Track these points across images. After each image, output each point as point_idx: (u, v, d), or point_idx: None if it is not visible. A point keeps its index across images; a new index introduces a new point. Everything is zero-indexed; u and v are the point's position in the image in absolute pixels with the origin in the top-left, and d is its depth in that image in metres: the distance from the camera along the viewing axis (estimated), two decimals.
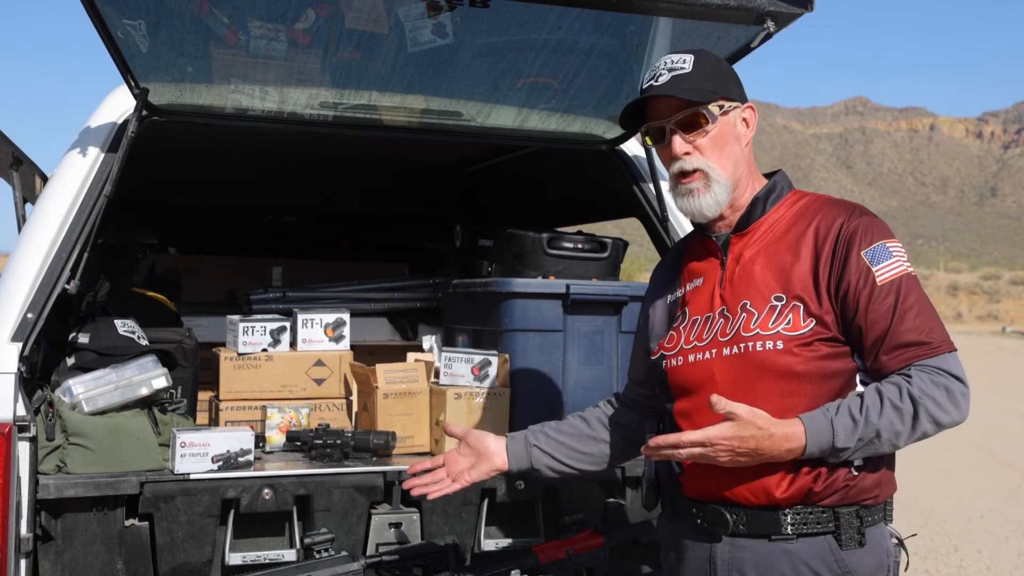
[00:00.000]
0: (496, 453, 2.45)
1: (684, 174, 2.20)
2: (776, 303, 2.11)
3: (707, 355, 2.18)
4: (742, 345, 2.11)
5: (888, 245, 2.10)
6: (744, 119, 2.25)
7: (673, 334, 2.29)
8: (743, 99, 2.26)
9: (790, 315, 2.09)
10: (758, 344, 2.10)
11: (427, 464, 2.49)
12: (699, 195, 2.20)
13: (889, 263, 2.07)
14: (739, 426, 1.99)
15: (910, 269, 2.09)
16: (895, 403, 1.98)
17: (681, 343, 2.25)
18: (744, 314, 2.14)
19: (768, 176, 2.31)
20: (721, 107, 2.20)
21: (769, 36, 2.73)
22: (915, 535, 2.56)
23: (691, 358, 2.21)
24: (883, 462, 2.13)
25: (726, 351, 2.14)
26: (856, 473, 2.08)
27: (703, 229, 2.31)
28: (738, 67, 2.93)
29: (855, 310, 2.06)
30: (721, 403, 1.99)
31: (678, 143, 2.19)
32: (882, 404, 1.99)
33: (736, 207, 2.24)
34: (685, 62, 2.19)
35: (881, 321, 2.05)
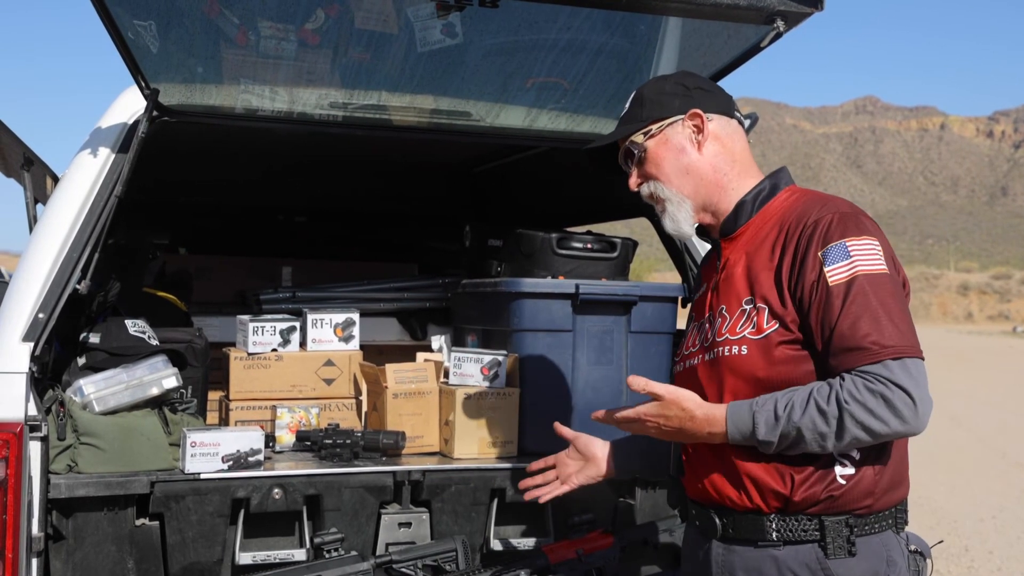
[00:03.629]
0: (602, 459, 2.54)
1: (649, 201, 2.30)
2: (746, 307, 2.11)
3: (695, 361, 2.22)
4: (716, 351, 2.13)
5: (848, 243, 2.01)
6: (695, 126, 2.23)
7: (683, 340, 2.34)
8: (686, 108, 2.24)
9: (755, 318, 2.08)
10: (726, 349, 2.10)
11: (540, 464, 2.61)
12: (664, 216, 2.28)
13: (844, 263, 2.00)
14: (663, 406, 2.09)
15: (870, 269, 2.00)
16: (820, 404, 1.95)
17: (683, 349, 2.30)
18: (719, 319, 2.15)
19: (769, 176, 2.27)
20: (647, 132, 2.24)
21: (779, 35, 2.73)
22: (941, 542, 2.53)
23: (687, 364, 2.26)
24: (878, 470, 2.06)
25: (706, 357, 2.17)
26: (843, 482, 2.03)
27: (705, 235, 2.34)
28: (746, 67, 2.93)
29: (807, 311, 2.03)
30: (638, 383, 2.08)
31: (631, 179, 2.30)
32: (807, 403, 1.96)
33: (719, 212, 2.24)
34: (630, 100, 2.31)
35: (827, 324, 1.99)
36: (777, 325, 2.05)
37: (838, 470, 2.03)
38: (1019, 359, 30.50)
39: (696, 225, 2.28)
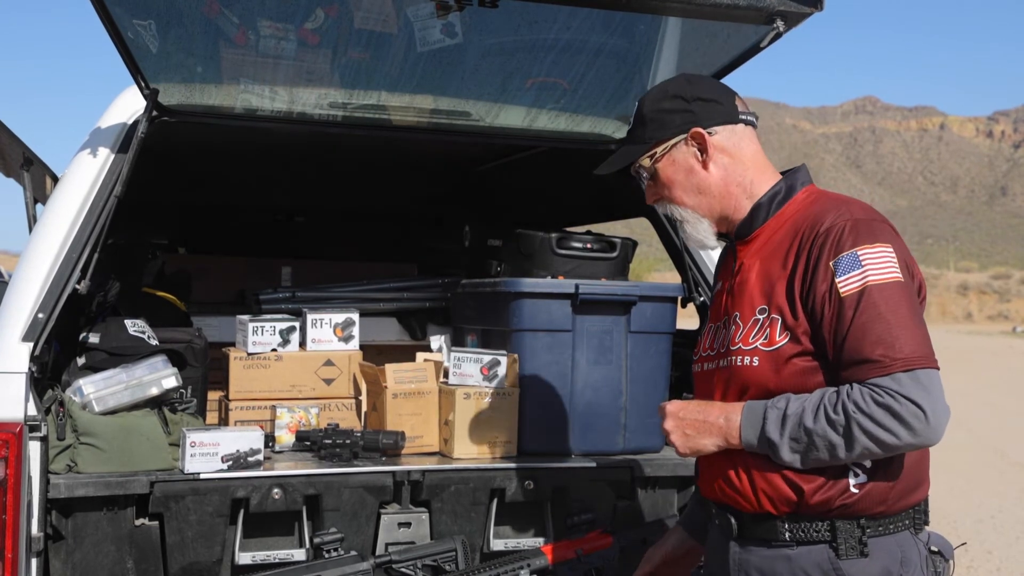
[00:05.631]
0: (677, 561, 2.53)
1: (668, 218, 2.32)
2: (759, 316, 2.08)
3: (712, 365, 2.20)
4: (729, 359, 2.12)
5: (860, 253, 1.97)
6: (697, 146, 2.18)
7: (700, 339, 2.31)
8: (687, 127, 2.17)
9: (768, 329, 2.05)
10: (738, 359, 2.08)
11: None
12: (683, 232, 2.27)
13: (855, 273, 1.96)
14: (684, 401, 2.16)
15: (881, 278, 1.96)
16: (829, 412, 1.94)
17: (700, 349, 2.28)
18: (733, 326, 2.13)
19: (785, 175, 2.23)
20: (652, 155, 2.21)
21: (779, 35, 2.73)
22: (964, 544, 2.52)
23: (705, 366, 2.24)
24: (890, 477, 2.03)
25: (721, 363, 2.16)
26: (856, 491, 2.01)
27: (723, 236, 2.29)
28: (746, 66, 2.92)
29: (819, 323, 1.99)
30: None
31: (647, 196, 2.30)
32: (818, 409, 1.95)
33: (735, 220, 2.21)
34: (633, 118, 2.27)
35: (838, 336, 1.96)
36: (789, 337, 2.02)
37: (851, 479, 2.01)
38: (1018, 359, 30.49)
39: (716, 233, 2.26)
